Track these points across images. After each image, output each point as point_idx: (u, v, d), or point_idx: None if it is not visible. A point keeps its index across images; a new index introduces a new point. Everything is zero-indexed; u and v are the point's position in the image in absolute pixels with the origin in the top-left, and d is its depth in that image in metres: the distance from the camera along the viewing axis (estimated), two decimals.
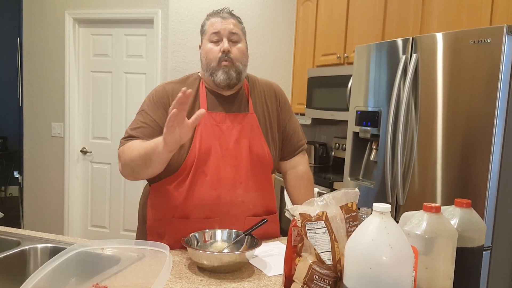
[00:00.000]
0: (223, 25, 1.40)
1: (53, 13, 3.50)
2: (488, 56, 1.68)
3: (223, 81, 1.39)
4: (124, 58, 3.50)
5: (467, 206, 0.95)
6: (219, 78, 1.39)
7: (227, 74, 1.38)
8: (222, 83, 1.39)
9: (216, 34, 1.39)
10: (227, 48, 1.38)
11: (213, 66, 1.40)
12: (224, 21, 1.40)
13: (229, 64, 1.39)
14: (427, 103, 1.94)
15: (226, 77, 1.39)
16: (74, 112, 3.57)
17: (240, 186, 1.39)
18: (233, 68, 1.39)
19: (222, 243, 1.26)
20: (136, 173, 1.34)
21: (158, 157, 1.25)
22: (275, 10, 3.63)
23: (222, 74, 1.38)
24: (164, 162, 1.28)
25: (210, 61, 1.40)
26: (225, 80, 1.39)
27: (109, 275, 0.99)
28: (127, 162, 1.33)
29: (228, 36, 1.39)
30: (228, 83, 1.40)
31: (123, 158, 1.35)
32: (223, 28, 1.39)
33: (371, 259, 0.77)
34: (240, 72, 1.41)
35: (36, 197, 3.70)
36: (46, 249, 1.25)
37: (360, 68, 2.37)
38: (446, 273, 0.88)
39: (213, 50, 1.40)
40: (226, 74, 1.38)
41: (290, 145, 1.56)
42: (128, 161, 1.33)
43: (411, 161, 2.02)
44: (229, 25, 1.40)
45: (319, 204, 0.98)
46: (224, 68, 1.38)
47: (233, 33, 1.40)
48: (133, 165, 1.32)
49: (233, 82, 1.40)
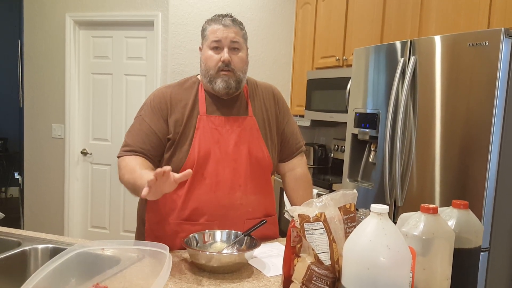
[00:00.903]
0: (225, 33, 1.38)
1: (54, 15, 3.51)
2: (486, 59, 1.69)
3: (222, 89, 1.39)
4: (124, 60, 3.50)
5: (465, 208, 0.95)
6: (218, 86, 1.39)
7: (226, 83, 1.39)
8: (221, 91, 1.40)
9: (217, 42, 1.38)
10: (228, 58, 1.37)
11: (212, 74, 1.40)
12: (225, 29, 1.38)
13: (229, 74, 1.39)
14: (425, 105, 1.95)
15: (225, 85, 1.39)
16: (75, 113, 3.57)
17: (239, 189, 1.40)
18: (233, 78, 1.39)
19: (222, 244, 1.27)
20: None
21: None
22: (274, 13, 3.64)
23: (221, 82, 1.39)
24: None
25: (209, 68, 1.40)
26: (224, 89, 1.39)
27: (109, 275, 1.00)
28: (120, 179, 1.36)
29: (229, 45, 1.39)
30: (227, 92, 1.40)
31: (119, 172, 1.37)
32: (224, 37, 1.38)
33: (369, 260, 0.78)
34: (240, 81, 1.42)
35: (37, 198, 3.70)
36: (47, 249, 1.25)
37: (359, 70, 2.38)
38: (443, 274, 0.89)
39: (213, 58, 1.39)
40: (225, 82, 1.39)
41: (288, 147, 1.56)
42: (121, 179, 1.36)
43: (409, 163, 2.03)
44: (230, 33, 1.38)
45: (318, 205, 0.99)
46: (223, 77, 1.38)
47: (234, 42, 1.39)
48: (125, 186, 1.33)
49: (232, 91, 1.41)
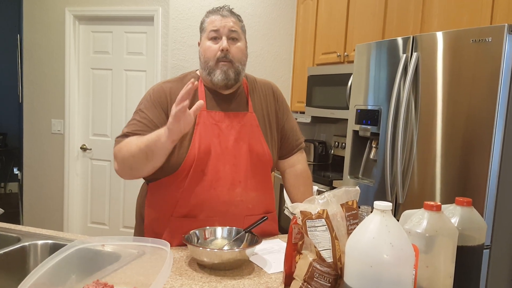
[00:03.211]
0: (223, 22, 1.38)
1: (54, 10, 3.49)
2: (489, 55, 1.68)
3: (221, 81, 1.38)
4: (124, 56, 3.49)
5: (468, 205, 0.95)
6: (217, 78, 1.38)
7: (225, 74, 1.38)
8: (220, 83, 1.39)
9: (215, 31, 1.38)
10: (226, 47, 1.36)
11: (211, 65, 1.39)
12: (223, 19, 1.38)
13: (228, 64, 1.38)
14: (427, 102, 1.94)
15: (224, 77, 1.38)
16: (74, 109, 3.57)
17: (239, 185, 1.39)
18: (231, 69, 1.38)
19: (222, 240, 1.26)
20: (134, 170, 1.32)
21: (161, 148, 1.24)
22: (275, 8, 3.62)
23: (220, 74, 1.37)
24: (165, 154, 1.27)
25: (208, 59, 1.39)
26: (223, 80, 1.38)
27: (109, 271, 0.99)
28: (125, 158, 1.30)
29: (228, 34, 1.38)
30: (226, 84, 1.39)
31: (120, 155, 1.32)
32: (222, 26, 1.37)
33: (372, 257, 0.77)
34: (239, 72, 1.41)
35: (36, 194, 3.70)
36: (46, 245, 1.25)
37: (360, 66, 2.36)
38: (446, 272, 0.88)
39: (211, 48, 1.38)
40: (224, 74, 1.37)
41: (288, 144, 1.56)
42: (127, 157, 1.30)
43: (410, 160, 2.02)
44: (228, 22, 1.38)
45: (320, 202, 0.98)
46: (222, 67, 1.37)
47: (232, 31, 1.38)
48: (133, 160, 1.29)
49: (231, 82, 1.40)
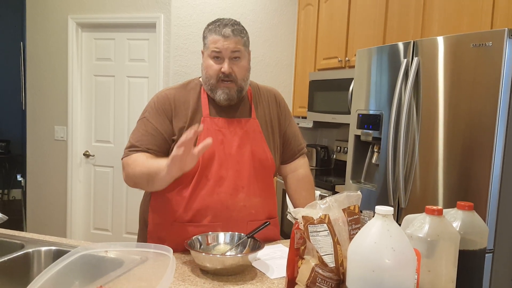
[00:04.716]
0: (225, 45, 1.34)
1: (56, 17, 3.52)
2: (489, 60, 1.68)
3: (223, 101, 1.39)
4: (127, 62, 3.51)
5: (469, 209, 0.95)
6: (219, 97, 1.39)
7: (227, 95, 1.38)
8: (222, 102, 1.40)
9: (217, 53, 1.36)
10: (227, 70, 1.36)
11: (213, 83, 1.39)
12: (225, 41, 1.34)
13: (230, 85, 1.38)
14: (429, 107, 1.94)
15: (226, 97, 1.39)
16: (77, 115, 3.58)
17: (242, 191, 1.39)
18: (234, 89, 1.39)
19: (225, 246, 1.27)
20: (138, 186, 1.38)
21: (161, 180, 1.27)
22: (276, 15, 3.64)
23: (222, 94, 1.38)
24: (166, 184, 1.30)
25: (210, 77, 1.39)
26: (226, 100, 1.39)
27: (112, 277, 1.00)
28: (130, 175, 1.37)
29: (230, 56, 1.36)
30: (229, 103, 1.40)
31: (126, 170, 1.38)
32: (224, 48, 1.35)
33: (373, 262, 0.77)
34: (241, 89, 1.41)
35: (39, 200, 3.71)
36: (50, 252, 1.25)
37: (361, 71, 2.37)
38: (448, 276, 0.88)
39: (213, 67, 1.38)
40: (226, 95, 1.38)
41: (290, 149, 1.56)
42: (131, 175, 1.36)
43: (412, 164, 2.02)
44: (230, 44, 1.35)
45: (322, 207, 0.99)
46: (224, 89, 1.38)
47: (234, 51, 1.36)
48: (136, 180, 1.36)
49: (234, 101, 1.41)
